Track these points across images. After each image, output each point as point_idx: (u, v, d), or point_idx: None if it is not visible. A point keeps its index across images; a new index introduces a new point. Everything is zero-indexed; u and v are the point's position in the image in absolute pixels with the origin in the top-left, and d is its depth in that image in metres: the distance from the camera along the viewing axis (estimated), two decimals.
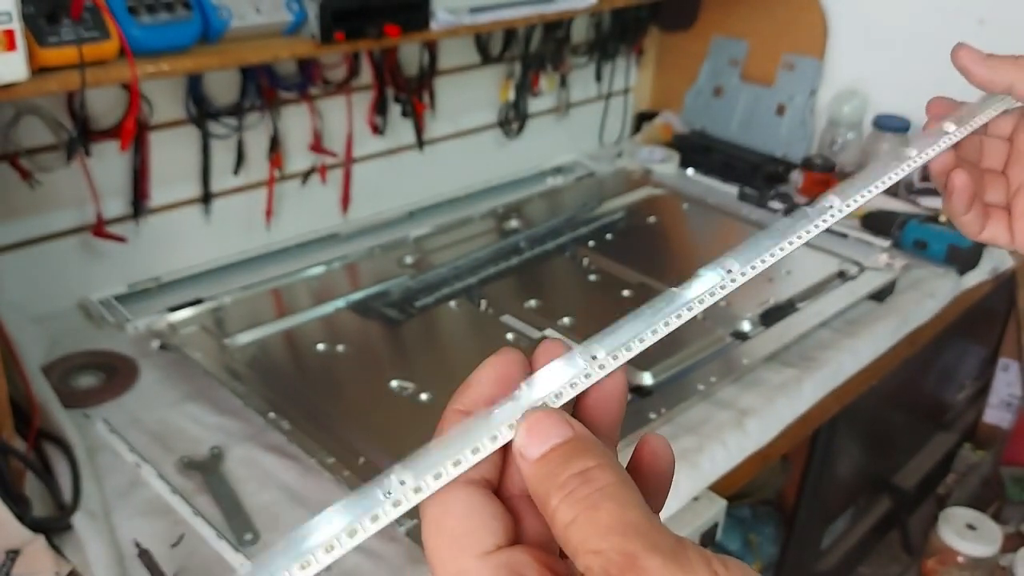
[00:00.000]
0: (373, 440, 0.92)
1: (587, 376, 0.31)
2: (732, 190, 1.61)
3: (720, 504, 0.98)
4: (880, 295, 1.27)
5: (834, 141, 1.66)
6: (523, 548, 0.27)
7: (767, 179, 1.62)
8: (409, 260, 1.32)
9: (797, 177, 1.63)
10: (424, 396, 1.00)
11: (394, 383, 1.03)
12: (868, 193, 0.42)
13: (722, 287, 0.35)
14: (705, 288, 0.34)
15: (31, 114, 1.04)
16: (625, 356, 0.31)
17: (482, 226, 1.45)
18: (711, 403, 1.05)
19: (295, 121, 1.30)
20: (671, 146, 1.74)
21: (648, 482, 0.30)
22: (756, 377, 1.10)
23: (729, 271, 0.35)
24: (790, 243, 0.37)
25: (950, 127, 0.47)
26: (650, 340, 0.32)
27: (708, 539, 0.98)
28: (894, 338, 1.24)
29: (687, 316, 0.33)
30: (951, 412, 1.88)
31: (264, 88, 1.23)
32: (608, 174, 1.68)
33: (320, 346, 1.11)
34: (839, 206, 0.40)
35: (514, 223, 1.46)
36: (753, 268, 0.36)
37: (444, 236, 1.41)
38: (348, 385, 1.06)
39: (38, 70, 0.82)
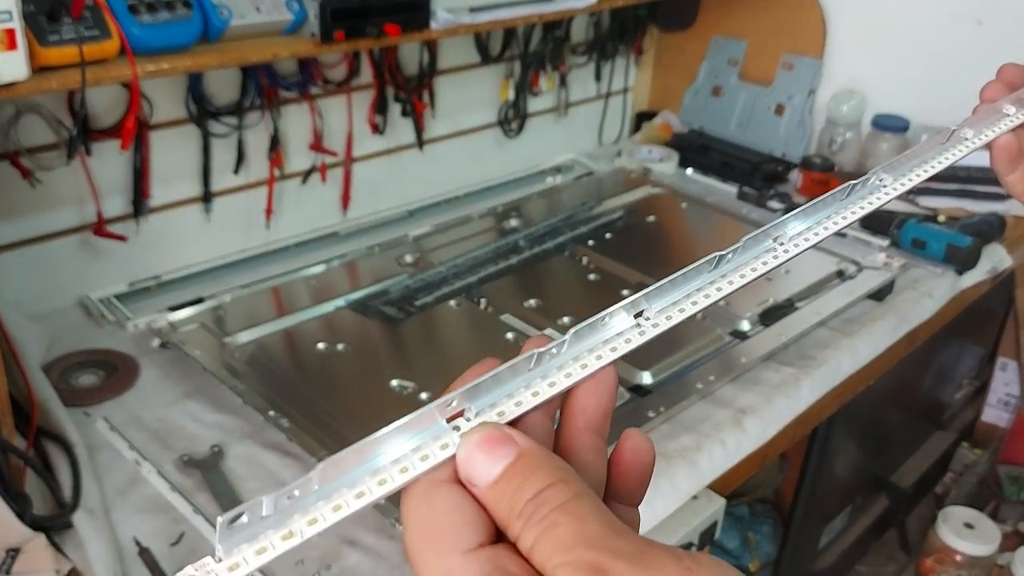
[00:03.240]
0: None
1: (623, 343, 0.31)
2: (731, 189, 1.61)
3: (719, 502, 0.98)
4: (879, 294, 1.27)
5: (833, 140, 1.66)
6: (506, 546, 0.27)
7: (766, 178, 1.62)
8: (409, 259, 1.32)
9: (796, 176, 1.64)
10: (424, 395, 1.00)
11: (394, 382, 1.03)
12: (924, 173, 0.41)
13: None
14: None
15: (31, 113, 1.04)
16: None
17: (482, 225, 1.45)
18: (710, 402, 1.05)
19: (295, 120, 1.30)
20: (670, 145, 1.74)
21: (628, 477, 0.31)
22: (755, 376, 1.10)
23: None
24: (844, 218, 0.37)
25: (1010, 109, 0.47)
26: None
27: (707, 537, 0.98)
28: (892, 337, 1.25)
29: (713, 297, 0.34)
30: (949, 411, 1.88)
31: (264, 87, 1.23)
32: (607, 173, 1.68)
33: (320, 345, 1.11)
34: (892, 184, 0.40)
35: (513, 222, 1.46)
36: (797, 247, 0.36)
37: (444, 235, 1.41)
38: (348, 384, 1.06)
39: (39, 69, 0.82)
